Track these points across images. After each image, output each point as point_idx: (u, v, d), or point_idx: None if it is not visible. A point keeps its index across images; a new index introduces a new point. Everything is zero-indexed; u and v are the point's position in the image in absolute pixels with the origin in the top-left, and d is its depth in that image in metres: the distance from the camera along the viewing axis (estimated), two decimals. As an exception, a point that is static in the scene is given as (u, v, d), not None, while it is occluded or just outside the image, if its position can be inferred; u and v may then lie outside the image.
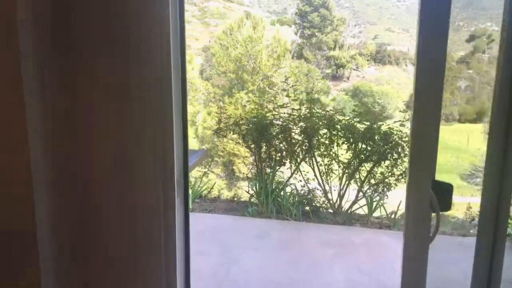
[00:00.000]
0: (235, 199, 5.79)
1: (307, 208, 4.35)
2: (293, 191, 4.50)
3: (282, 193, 4.34)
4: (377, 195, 4.60)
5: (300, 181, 4.90)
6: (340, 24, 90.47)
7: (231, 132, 4.93)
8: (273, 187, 4.39)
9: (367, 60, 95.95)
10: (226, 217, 4.09)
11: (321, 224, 4.04)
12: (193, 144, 27.58)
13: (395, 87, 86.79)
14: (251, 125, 4.84)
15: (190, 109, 29.61)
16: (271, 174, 4.66)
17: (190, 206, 4.30)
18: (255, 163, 5.00)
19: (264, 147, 4.93)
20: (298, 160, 4.97)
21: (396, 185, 4.68)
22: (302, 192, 4.70)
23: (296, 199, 4.33)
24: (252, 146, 4.92)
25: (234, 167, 26.23)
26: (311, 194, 4.68)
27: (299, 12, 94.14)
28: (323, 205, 4.77)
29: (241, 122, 4.90)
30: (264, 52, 28.52)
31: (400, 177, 4.62)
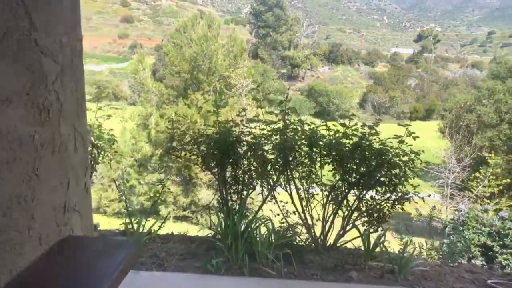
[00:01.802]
0: (193, 231, 4.78)
1: (287, 248, 3.40)
2: (268, 227, 3.54)
3: (256, 232, 3.37)
4: (371, 227, 3.75)
5: (278, 214, 3.96)
6: (294, 24, 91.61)
7: (187, 154, 3.91)
8: (244, 224, 3.42)
9: (321, 60, 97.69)
10: (181, 277, 3.04)
11: (311, 281, 3.10)
12: (145, 149, 26.04)
13: (349, 86, 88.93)
14: (212, 143, 3.84)
15: (142, 111, 28.04)
16: (240, 206, 3.68)
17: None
18: (218, 190, 3.99)
19: (230, 169, 3.95)
20: (272, 183, 4.03)
21: (391, 212, 3.85)
22: (279, 228, 3.76)
23: (274, 239, 3.38)
24: (215, 170, 3.92)
25: (191, 173, 24.97)
26: (291, 231, 3.75)
27: (254, 12, 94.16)
28: (306, 242, 3.85)
29: (200, 139, 3.88)
30: (220, 51, 27.45)
31: (396, 203, 3.79)
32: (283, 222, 3.89)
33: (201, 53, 25.75)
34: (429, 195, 5.30)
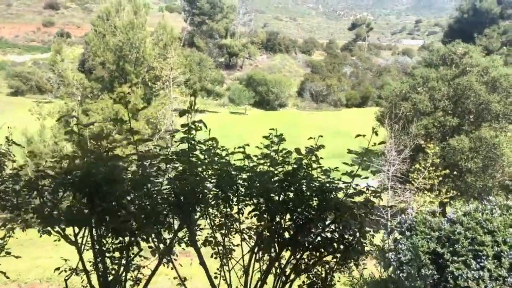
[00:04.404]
0: None
1: None
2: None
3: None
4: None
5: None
6: (230, 12, 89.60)
7: (21, 206, 2.46)
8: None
9: (259, 49, 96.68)
10: None
11: None
12: (67, 149, 23.50)
13: (287, 75, 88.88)
14: (65, 187, 2.43)
15: (62, 107, 25.30)
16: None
17: None
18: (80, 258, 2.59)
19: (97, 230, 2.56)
20: (168, 239, 2.71)
21: (340, 271, 2.68)
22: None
23: None
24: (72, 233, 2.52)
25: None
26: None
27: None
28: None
29: (41, 182, 2.45)
30: (149, 40, 25.35)
31: (350, 266, 2.62)
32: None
33: (127, 42, 23.53)
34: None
